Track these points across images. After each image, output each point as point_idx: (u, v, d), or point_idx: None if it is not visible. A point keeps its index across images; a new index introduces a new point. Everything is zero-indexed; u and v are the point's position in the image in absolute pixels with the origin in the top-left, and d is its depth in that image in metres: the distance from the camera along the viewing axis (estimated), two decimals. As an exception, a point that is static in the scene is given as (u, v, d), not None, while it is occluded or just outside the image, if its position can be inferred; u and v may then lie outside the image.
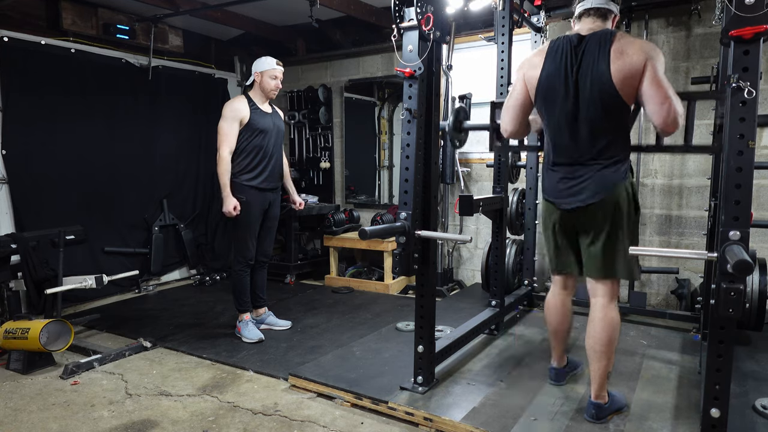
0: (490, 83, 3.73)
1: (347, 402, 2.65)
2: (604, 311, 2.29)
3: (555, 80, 2.23)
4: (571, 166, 2.27)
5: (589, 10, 2.21)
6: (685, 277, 4.03)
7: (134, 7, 4.63)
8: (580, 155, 2.24)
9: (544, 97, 2.28)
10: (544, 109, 2.31)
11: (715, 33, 3.81)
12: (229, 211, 3.36)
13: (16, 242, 3.64)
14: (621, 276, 2.31)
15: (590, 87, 2.14)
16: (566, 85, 2.20)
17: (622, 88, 2.08)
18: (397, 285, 4.94)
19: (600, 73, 2.10)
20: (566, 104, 2.22)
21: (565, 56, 2.20)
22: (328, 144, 5.77)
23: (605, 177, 2.19)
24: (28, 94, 4.18)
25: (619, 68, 2.07)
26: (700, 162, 4.00)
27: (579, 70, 2.17)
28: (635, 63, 2.04)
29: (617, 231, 2.22)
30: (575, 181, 2.25)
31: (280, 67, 3.50)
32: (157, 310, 4.31)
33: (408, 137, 2.49)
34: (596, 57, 2.12)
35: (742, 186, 1.86)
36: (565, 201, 2.29)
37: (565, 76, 2.20)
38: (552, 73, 2.23)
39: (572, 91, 2.19)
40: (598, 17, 2.21)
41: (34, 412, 2.62)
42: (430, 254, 2.60)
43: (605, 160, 2.19)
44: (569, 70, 2.19)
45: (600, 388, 2.33)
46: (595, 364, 2.31)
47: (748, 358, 3.07)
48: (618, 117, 2.16)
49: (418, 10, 2.34)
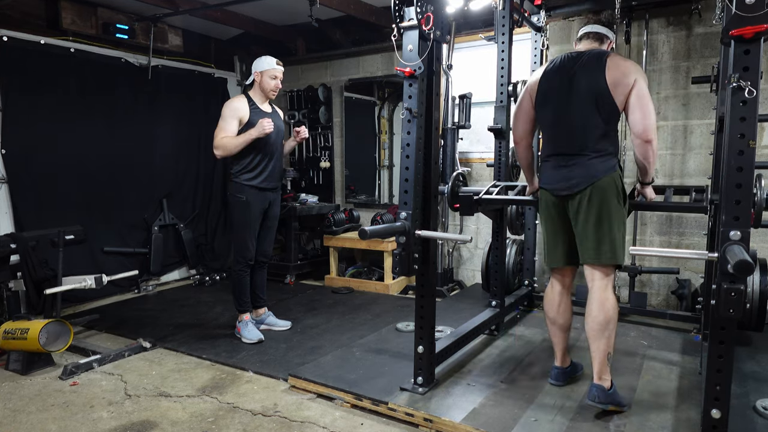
0: (490, 83, 3.73)
1: (347, 403, 2.64)
2: (600, 292, 2.43)
3: (554, 81, 2.50)
4: (564, 156, 2.48)
5: (588, 34, 2.56)
6: (685, 278, 4.02)
7: (134, 7, 4.63)
8: (573, 146, 2.45)
9: (543, 97, 2.55)
10: (543, 106, 2.56)
11: (716, 32, 3.80)
12: (264, 126, 3.28)
13: (16, 242, 3.63)
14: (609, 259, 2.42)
15: (586, 88, 2.39)
16: (563, 85, 2.46)
17: (614, 93, 2.34)
18: (397, 285, 4.94)
19: (596, 77, 2.37)
20: (562, 101, 2.47)
21: (564, 64, 2.49)
22: (328, 143, 5.77)
23: (595, 166, 2.39)
24: (27, 93, 4.18)
25: (613, 76, 2.34)
26: (701, 162, 3.99)
27: (575, 75, 2.43)
28: (627, 77, 2.33)
29: (605, 216, 2.38)
30: (567, 169, 2.45)
31: (280, 67, 3.49)
32: (157, 311, 4.31)
33: (408, 137, 2.49)
34: (593, 66, 2.39)
35: (742, 186, 1.86)
36: (558, 186, 2.48)
37: (562, 79, 2.47)
38: (551, 77, 2.52)
39: (568, 91, 2.45)
40: (596, 40, 2.55)
41: (33, 412, 2.62)
42: (430, 254, 2.59)
43: (596, 153, 2.40)
44: (567, 73, 2.46)
45: (601, 370, 2.38)
46: (595, 343, 2.40)
47: (748, 358, 3.07)
48: (609, 116, 2.38)
49: (418, 9, 2.33)
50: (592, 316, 2.41)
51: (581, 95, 2.40)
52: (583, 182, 2.39)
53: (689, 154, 4.03)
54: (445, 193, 2.98)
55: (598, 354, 2.39)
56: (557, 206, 2.53)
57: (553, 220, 2.57)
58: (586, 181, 2.38)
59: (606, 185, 2.37)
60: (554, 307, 2.67)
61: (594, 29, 2.55)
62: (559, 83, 2.47)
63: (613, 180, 2.39)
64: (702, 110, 3.96)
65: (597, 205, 2.38)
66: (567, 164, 2.46)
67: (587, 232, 2.42)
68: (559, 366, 2.71)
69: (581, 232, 2.45)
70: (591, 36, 2.56)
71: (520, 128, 2.71)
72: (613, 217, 2.39)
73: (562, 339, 2.68)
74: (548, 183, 2.55)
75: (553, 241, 2.60)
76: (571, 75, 2.43)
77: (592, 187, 2.37)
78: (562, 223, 2.54)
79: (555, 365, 2.73)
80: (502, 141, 3.52)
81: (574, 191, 2.42)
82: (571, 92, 2.43)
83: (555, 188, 2.50)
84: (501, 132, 3.50)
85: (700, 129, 3.98)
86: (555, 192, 2.50)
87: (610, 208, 2.38)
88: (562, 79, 2.46)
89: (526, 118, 2.67)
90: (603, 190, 2.37)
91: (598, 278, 2.44)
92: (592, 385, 2.40)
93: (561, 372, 2.71)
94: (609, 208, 2.38)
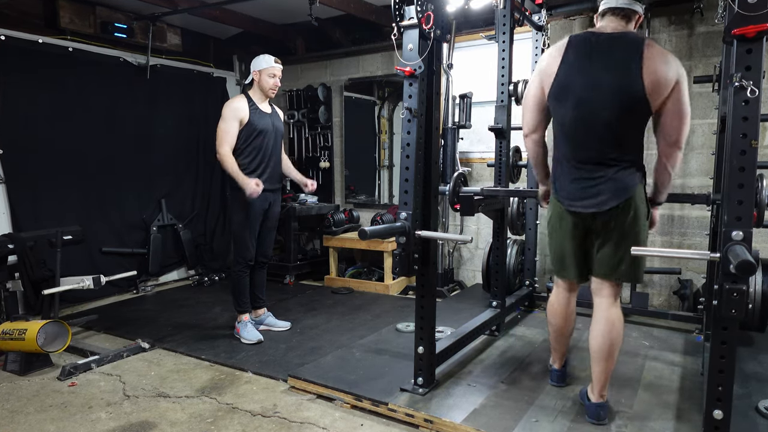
0: (490, 82, 3.71)
1: (347, 403, 2.63)
2: (610, 311, 2.27)
3: (574, 73, 2.16)
4: (586, 165, 2.19)
5: (614, 9, 2.16)
6: (687, 278, 4.00)
7: (132, 6, 4.61)
8: (596, 153, 2.17)
9: (562, 89, 2.20)
10: (560, 100, 2.22)
11: (718, 31, 3.78)
12: (254, 189, 3.30)
13: (14, 242, 3.61)
14: (633, 279, 2.30)
15: (617, 85, 2.09)
16: (586, 78, 2.13)
17: (651, 94, 2.05)
18: (397, 285, 4.92)
19: (629, 74, 2.06)
20: (586, 97, 2.14)
21: (587, 51, 2.14)
22: (328, 143, 5.75)
23: (623, 180, 2.15)
24: (25, 93, 4.16)
25: (651, 74, 2.04)
26: (703, 161, 3.98)
27: (604, 67, 2.11)
28: (669, 76, 2.04)
29: (632, 234, 2.18)
30: (592, 182, 2.18)
31: (278, 65, 3.47)
32: (156, 311, 4.29)
33: (408, 137, 2.47)
34: (627, 57, 2.07)
35: (744, 186, 1.84)
36: (580, 204, 2.20)
37: (585, 69, 2.13)
38: (571, 66, 2.16)
39: (593, 85, 2.12)
40: (623, 18, 2.16)
41: (31, 413, 2.60)
42: (431, 254, 2.58)
43: (624, 163, 2.16)
44: (592, 64, 2.12)
45: (604, 388, 2.33)
46: (602, 364, 2.27)
47: (750, 359, 3.05)
48: (639, 119, 2.14)
49: (419, 8, 2.32)
50: (602, 339, 2.25)
51: (609, 94, 2.09)
52: (611, 199, 2.14)
53: (691, 154, 4.02)
54: (446, 193, 2.94)
55: (603, 375, 2.28)
56: (574, 221, 2.26)
57: (569, 234, 2.29)
58: (616, 198, 2.13)
59: (636, 202, 2.15)
60: (562, 320, 2.51)
61: (621, 3, 2.13)
62: (581, 75, 2.14)
63: (642, 194, 2.18)
64: (704, 110, 3.94)
65: (625, 223, 2.16)
66: (592, 177, 2.17)
67: (610, 250, 2.21)
68: (557, 368, 2.68)
69: (603, 249, 2.23)
70: (617, 12, 2.15)
71: (531, 119, 2.35)
72: (640, 236, 2.18)
73: (565, 345, 2.62)
74: (569, 199, 2.24)
75: (570, 257, 2.33)
76: (598, 66, 2.10)
77: (623, 203, 2.13)
78: (578, 237, 2.28)
79: (555, 368, 2.69)
80: (503, 141, 3.50)
81: (603, 209, 2.16)
82: (597, 88, 2.11)
83: (577, 205, 2.21)
84: (502, 132, 3.49)
85: (702, 129, 3.97)
86: (575, 209, 2.22)
87: (639, 226, 2.17)
88: (585, 70, 2.13)
89: (537, 108, 2.32)
90: (632, 207, 2.14)
91: (607, 293, 2.29)
92: (595, 405, 2.31)
93: (561, 374, 2.69)
94: (637, 226, 2.17)
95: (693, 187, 4.01)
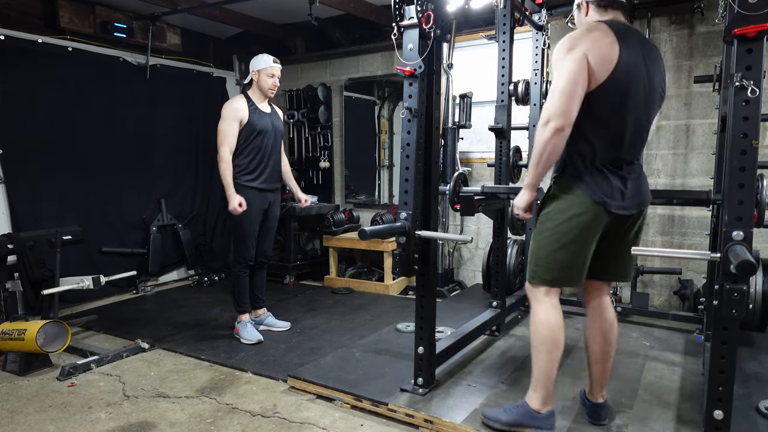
0: (491, 82, 3.70)
1: (347, 404, 2.62)
2: (610, 311, 2.28)
3: (635, 69, 1.96)
4: (627, 165, 2.07)
5: (621, 2, 2.04)
6: (688, 278, 4.00)
7: (132, 5, 4.61)
8: (636, 154, 2.11)
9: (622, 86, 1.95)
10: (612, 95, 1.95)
11: (719, 31, 3.78)
12: (235, 207, 3.32)
13: (13, 242, 3.61)
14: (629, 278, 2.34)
15: (658, 86, 2.06)
16: (641, 77, 1.98)
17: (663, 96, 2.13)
18: (397, 285, 4.92)
19: (662, 75, 2.10)
20: (641, 99, 2.00)
21: (637, 46, 1.98)
22: (328, 143, 5.75)
23: (645, 179, 2.17)
24: (25, 93, 4.16)
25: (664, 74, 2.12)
26: (703, 161, 3.97)
27: (650, 66, 2.01)
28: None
29: (641, 233, 2.21)
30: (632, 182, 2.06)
31: (277, 65, 3.47)
32: (155, 311, 4.29)
33: (408, 137, 2.47)
34: (659, 58, 2.08)
35: (745, 186, 1.84)
36: (628, 203, 2.04)
37: (639, 67, 1.97)
38: (632, 65, 1.95)
39: (647, 86, 2.00)
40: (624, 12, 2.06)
41: (30, 414, 2.60)
42: (431, 254, 2.57)
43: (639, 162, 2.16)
44: (644, 62, 1.99)
45: (604, 388, 2.32)
46: (604, 364, 2.27)
47: (751, 359, 3.05)
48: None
49: (419, 8, 2.31)
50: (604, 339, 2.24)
51: (655, 94, 2.04)
52: (648, 199, 2.13)
53: (692, 154, 4.02)
54: (446, 193, 2.93)
55: (604, 375, 2.28)
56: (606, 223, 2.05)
57: (593, 238, 2.07)
58: (648, 198, 2.14)
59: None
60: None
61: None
62: (640, 71, 1.96)
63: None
64: (704, 109, 3.94)
65: (641, 222, 2.16)
66: (629, 176, 2.06)
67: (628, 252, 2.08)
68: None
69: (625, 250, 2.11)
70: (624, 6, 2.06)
71: (574, 108, 1.92)
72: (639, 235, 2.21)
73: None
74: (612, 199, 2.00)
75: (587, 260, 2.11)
76: (649, 63, 2.00)
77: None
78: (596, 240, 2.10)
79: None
80: (503, 141, 3.50)
81: (641, 208, 2.10)
82: (648, 88, 2.01)
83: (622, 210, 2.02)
84: (502, 132, 3.48)
85: (702, 128, 3.97)
86: (621, 213, 2.02)
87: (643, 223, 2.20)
88: (641, 66, 1.96)
89: (582, 95, 1.94)
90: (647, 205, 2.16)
91: (606, 292, 2.30)
92: (601, 405, 2.30)
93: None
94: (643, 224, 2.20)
95: (693, 187, 4.00)
